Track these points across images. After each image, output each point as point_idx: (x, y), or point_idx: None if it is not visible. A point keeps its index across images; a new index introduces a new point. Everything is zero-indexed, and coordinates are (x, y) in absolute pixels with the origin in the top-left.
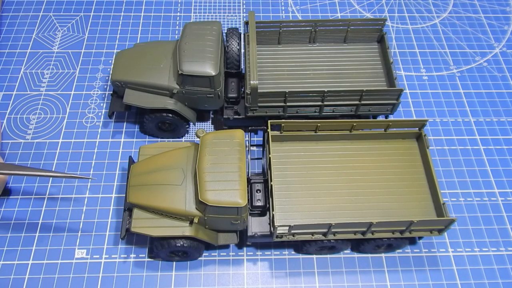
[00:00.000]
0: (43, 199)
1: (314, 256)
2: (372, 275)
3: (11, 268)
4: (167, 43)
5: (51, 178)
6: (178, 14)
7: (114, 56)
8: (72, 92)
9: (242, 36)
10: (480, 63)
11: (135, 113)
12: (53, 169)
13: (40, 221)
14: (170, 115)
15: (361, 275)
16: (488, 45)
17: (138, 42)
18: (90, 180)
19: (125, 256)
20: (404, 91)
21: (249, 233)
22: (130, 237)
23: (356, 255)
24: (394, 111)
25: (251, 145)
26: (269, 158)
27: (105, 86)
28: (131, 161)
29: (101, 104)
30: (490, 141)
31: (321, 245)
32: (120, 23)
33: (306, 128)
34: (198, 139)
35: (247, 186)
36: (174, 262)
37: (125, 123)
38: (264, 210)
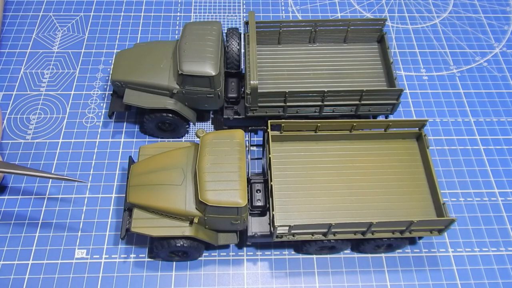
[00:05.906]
0: (43, 199)
1: (314, 256)
2: (372, 275)
3: (11, 268)
4: (167, 43)
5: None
6: (178, 14)
7: (114, 56)
8: (72, 92)
9: (242, 36)
10: (480, 63)
11: (135, 113)
12: (53, 170)
13: (40, 221)
14: (170, 115)
15: (361, 275)
16: (488, 45)
17: (138, 42)
18: (89, 180)
19: (125, 256)
20: (404, 91)
21: (249, 233)
22: (130, 237)
23: (356, 255)
24: (394, 111)
25: (251, 145)
26: (269, 158)
27: (105, 86)
28: (131, 161)
29: (101, 104)
30: (490, 141)
31: (321, 245)
32: (120, 23)
33: (306, 128)
34: (198, 139)
35: (247, 186)
36: (174, 262)
37: (125, 123)
38: (264, 210)
